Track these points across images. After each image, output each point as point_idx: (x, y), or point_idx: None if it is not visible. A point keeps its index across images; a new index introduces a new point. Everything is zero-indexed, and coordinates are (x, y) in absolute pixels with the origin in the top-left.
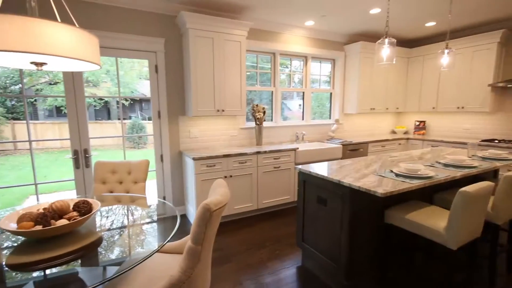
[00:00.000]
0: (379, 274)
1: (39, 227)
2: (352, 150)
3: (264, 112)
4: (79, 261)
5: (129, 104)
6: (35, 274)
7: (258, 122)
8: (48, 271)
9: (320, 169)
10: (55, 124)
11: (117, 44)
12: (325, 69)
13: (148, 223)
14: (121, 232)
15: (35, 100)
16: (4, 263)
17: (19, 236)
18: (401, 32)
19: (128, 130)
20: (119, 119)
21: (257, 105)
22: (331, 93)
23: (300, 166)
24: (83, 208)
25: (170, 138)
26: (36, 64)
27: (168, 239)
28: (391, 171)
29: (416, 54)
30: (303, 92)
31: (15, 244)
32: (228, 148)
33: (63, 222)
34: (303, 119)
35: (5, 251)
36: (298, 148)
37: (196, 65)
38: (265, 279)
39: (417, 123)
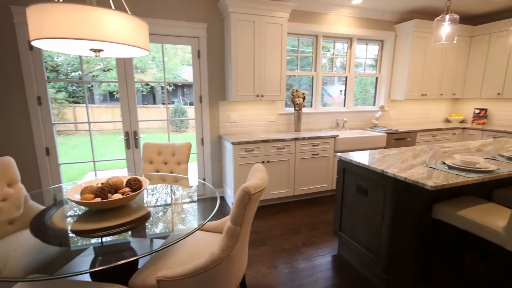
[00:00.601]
0: (421, 270)
1: (98, 199)
2: (398, 139)
3: (304, 98)
4: (130, 232)
5: (172, 89)
6: (93, 240)
7: (297, 108)
8: (104, 239)
9: (362, 157)
10: (108, 108)
11: (163, 30)
12: (371, 52)
13: (189, 202)
14: (165, 209)
15: (92, 86)
16: (69, 229)
17: (81, 206)
18: (464, 7)
19: (171, 114)
20: (163, 103)
21: (296, 90)
22: (376, 78)
23: (339, 154)
24: (134, 185)
25: (210, 122)
26: (95, 50)
27: (209, 218)
28: (443, 163)
29: (481, 32)
30: (346, 77)
31: (77, 213)
32: (266, 133)
33: (118, 196)
34: (344, 105)
35: (69, 219)
36: (338, 136)
37: (237, 50)
38: (299, 264)
39: (477, 111)
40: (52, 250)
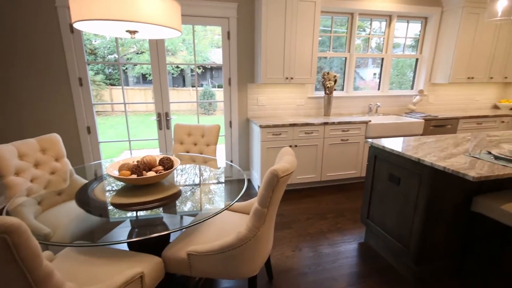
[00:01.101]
0: (455, 264)
1: (134, 176)
2: (437, 126)
3: (335, 81)
4: (161, 208)
5: (201, 72)
6: (129, 214)
7: (327, 91)
8: (139, 213)
9: (395, 144)
10: (142, 90)
11: (193, 11)
12: (412, 31)
13: (217, 183)
14: (194, 189)
15: (126, 68)
16: (109, 202)
17: (118, 182)
18: None
19: (200, 97)
20: (193, 86)
21: (328, 72)
22: (416, 59)
23: (371, 140)
24: (167, 164)
25: (239, 105)
26: (130, 32)
27: (237, 198)
28: (489, 153)
29: None
30: (382, 59)
31: (114, 188)
32: (294, 117)
33: (152, 173)
34: (379, 89)
35: (108, 193)
36: (370, 121)
37: (267, 30)
38: (324, 249)
39: None
40: (94, 220)
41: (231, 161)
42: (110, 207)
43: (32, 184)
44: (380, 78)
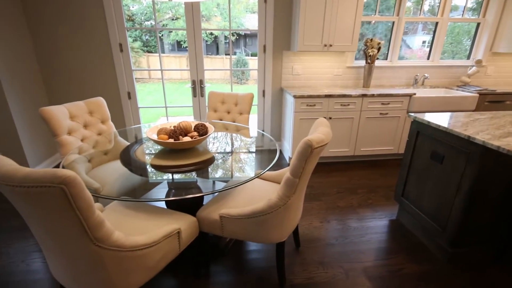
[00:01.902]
0: (495, 249)
1: (171, 140)
2: (493, 102)
3: (379, 49)
4: (195, 172)
5: (235, 39)
6: (164, 176)
7: (369, 61)
8: (175, 175)
9: (442, 119)
10: (176, 57)
11: None
12: None
13: (249, 152)
14: (227, 156)
15: (162, 35)
16: (148, 163)
17: (156, 145)
18: None
19: (233, 65)
20: (226, 54)
21: (371, 39)
22: (477, 24)
23: (414, 115)
24: (201, 130)
25: (273, 73)
26: None
27: (268, 168)
28: None
29: None
30: (436, 24)
31: (152, 152)
32: (330, 88)
33: (187, 139)
34: (428, 58)
35: (147, 156)
36: (415, 94)
37: None
38: (352, 223)
39: None
40: (135, 179)
41: (263, 131)
42: (150, 168)
43: (82, 143)
44: (431, 46)
